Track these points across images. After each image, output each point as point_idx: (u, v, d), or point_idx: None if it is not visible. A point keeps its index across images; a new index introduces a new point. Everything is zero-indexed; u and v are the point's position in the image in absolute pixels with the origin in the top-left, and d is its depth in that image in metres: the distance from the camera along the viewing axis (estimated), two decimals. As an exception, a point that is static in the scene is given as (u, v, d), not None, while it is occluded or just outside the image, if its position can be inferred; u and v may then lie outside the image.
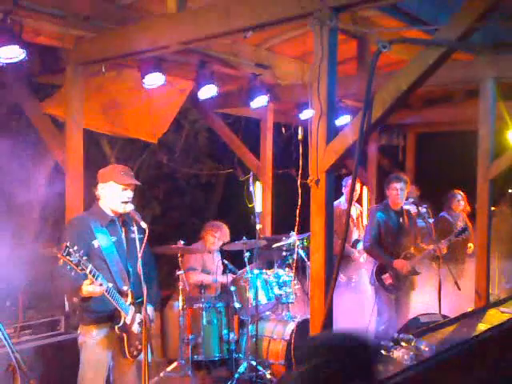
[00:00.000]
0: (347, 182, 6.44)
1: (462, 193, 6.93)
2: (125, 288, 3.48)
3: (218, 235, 5.79)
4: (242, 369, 5.09)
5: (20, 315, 4.39)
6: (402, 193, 5.42)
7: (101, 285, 3.23)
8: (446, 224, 6.69)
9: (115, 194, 3.53)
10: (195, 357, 5.10)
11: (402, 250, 5.39)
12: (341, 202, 6.41)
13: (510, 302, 3.63)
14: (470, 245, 6.61)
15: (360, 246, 6.25)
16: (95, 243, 3.44)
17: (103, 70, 5.09)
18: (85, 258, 3.16)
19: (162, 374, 5.15)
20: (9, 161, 5.28)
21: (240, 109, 7.45)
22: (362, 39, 6.13)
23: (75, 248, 3.10)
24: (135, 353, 3.52)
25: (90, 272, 3.18)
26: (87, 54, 4.85)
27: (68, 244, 3.08)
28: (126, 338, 3.46)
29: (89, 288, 3.22)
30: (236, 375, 5.03)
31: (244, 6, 3.84)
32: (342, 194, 6.49)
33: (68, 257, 3.07)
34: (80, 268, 3.11)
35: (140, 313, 3.50)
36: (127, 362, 3.57)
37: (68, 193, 5.03)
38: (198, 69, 5.57)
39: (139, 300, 3.51)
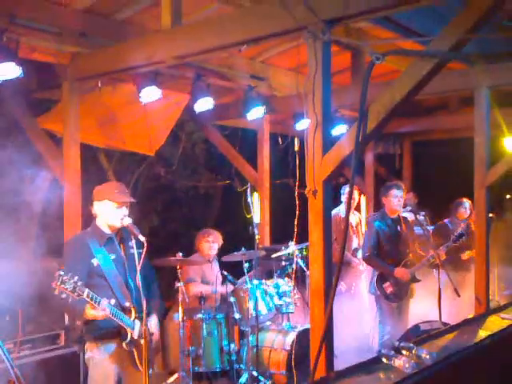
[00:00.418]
0: (346, 190, 6.47)
1: (469, 201, 6.79)
2: (127, 304, 3.50)
3: (211, 239, 5.81)
4: (243, 379, 5.08)
5: (20, 330, 4.38)
6: (402, 200, 5.48)
7: (104, 310, 3.25)
8: (444, 231, 6.68)
9: (110, 212, 3.57)
10: (196, 368, 5.08)
11: (401, 258, 5.41)
12: (340, 210, 6.44)
13: (510, 308, 3.63)
14: (468, 252, 6.57)
15: (360, 254, 6.27)
16: (94, 262, 3.47)
17: (99, 85, 5.13)
18: (80, 282, 3.16)
19: (163, 387, 5.14)
20: (8, 174, 5.28)
21: (237, 120, 7.46)
22: (356, 50, 6.17)
23: (69, 275, 3.11)
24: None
25: (88, 296, 3.20)
26: (83, 69, 4.89)
27: (61, 272, 3.10)
28: (135, 352, 3.50)
29: (92, 312, 3.27)
30: (237, 386, 5.02)
31: (238, 20, 3.88)
32: (341, 202, 6.53)
33: (62, 285, 3.09)
34: (76, 294, 3.13)
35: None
36: (139, 374, 3.57)
37: (66, 206, 5.05)
38: (194, 82, 5.59)
39: (143, 313, 3.51)
